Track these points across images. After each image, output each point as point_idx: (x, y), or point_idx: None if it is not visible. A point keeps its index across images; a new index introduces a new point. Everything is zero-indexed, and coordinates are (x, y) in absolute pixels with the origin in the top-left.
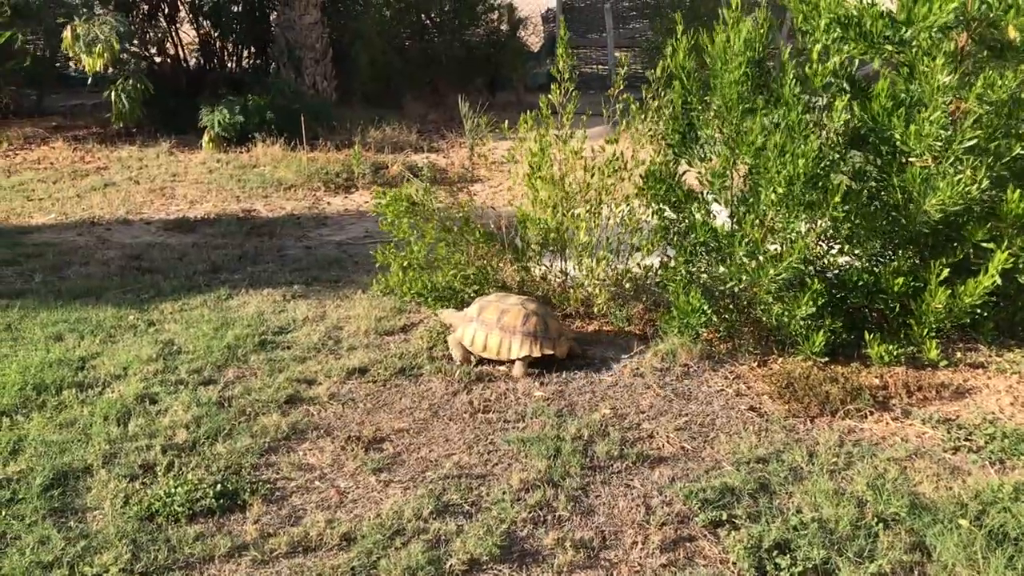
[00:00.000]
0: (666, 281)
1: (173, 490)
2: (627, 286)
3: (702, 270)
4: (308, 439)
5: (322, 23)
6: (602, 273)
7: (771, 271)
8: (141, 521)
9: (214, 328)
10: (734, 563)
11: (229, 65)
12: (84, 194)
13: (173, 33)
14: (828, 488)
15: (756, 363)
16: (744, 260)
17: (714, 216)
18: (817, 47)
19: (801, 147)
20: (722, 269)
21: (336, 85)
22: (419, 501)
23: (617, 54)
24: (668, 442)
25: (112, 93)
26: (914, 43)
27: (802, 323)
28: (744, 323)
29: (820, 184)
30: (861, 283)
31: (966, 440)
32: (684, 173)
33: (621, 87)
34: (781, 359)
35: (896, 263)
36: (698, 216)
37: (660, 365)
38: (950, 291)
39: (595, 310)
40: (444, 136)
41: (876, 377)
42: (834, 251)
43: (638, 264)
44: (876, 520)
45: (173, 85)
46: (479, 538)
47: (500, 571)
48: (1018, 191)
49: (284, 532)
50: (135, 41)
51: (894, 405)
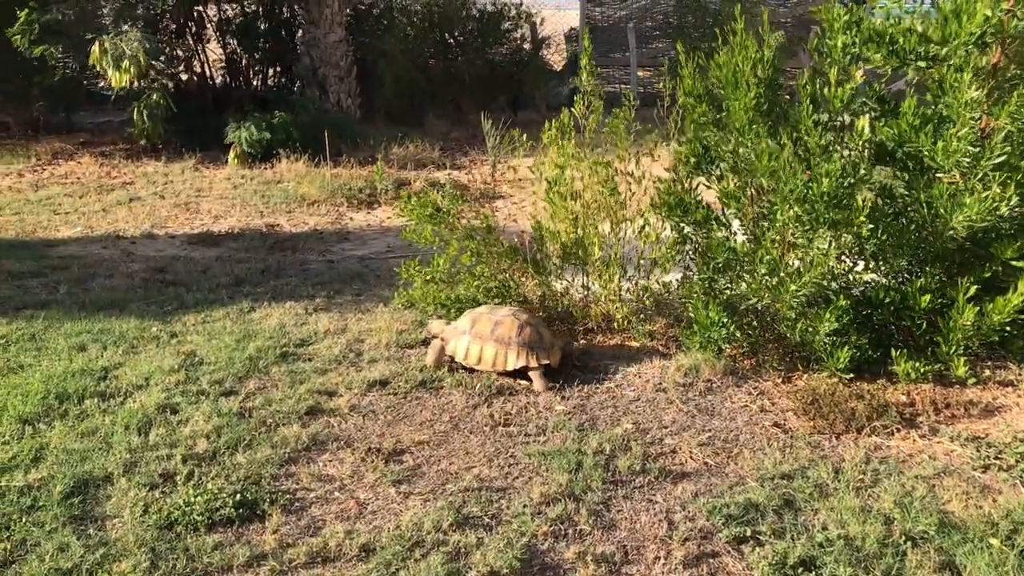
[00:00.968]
0: (685, 298)
1: (192, 499)
2: (648, 302)
3: (723, 286)
4: (328, 450)
5: (347, 41)
6: (615, 287)
7: (792, 287)
8: (160, 530)
9: (236, 340)
10: None
11: (255, 83)
12: (110, 208)
13: (200, 51)
14: (854, 505)
15: (780, 379)
16: (765, 277)
17: (735, 233)
18: (834, 70)
19: (824, 166)
20: (743, 286)
21: (360, 103)
22: (439, 513)
23: (640, 73)
24: (691, 457)
25: (135, 110)
26: (948, 59)
27: (826, 339)
28: (768, 339)
29: (844, 202)
30: (887, 300)
31: (996, 458)
32: (698, 186)
33: (635, 104)
34: (806, 375)
35: (923, 280)
36: (717, 235)
37: (683, 380)
38: (978, 309)
39: (615, 325)
40: (466, 153)
41: (903, 394)
42: (859, 268)
43: (657, 280)
44: (904, 538)
45: (199, 102)
46: (499, 551)
47: None
48: None
49: (303, 542)
50: (162, 58)
51: (921, 423)
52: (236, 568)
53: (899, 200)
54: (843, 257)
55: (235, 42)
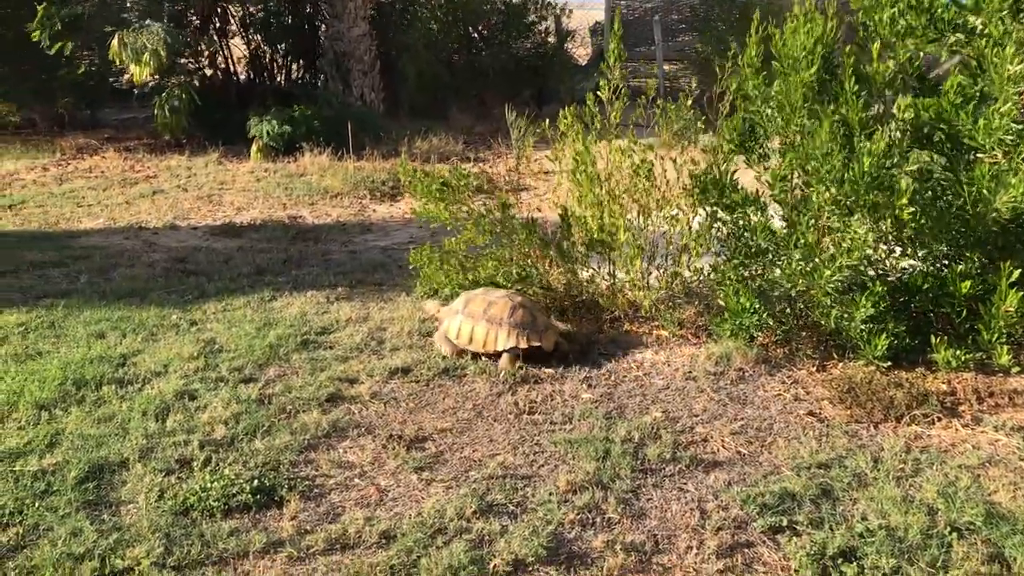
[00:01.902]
0: (717, 284)
1: (209, 485)
2: (677, 288)
3: (756, 273)
4: (349, 437)
5: (370, 35)
6: (642, 272)
7: (827, 273)
8: (175, 515)
9: (256, 328)
10: (796, 570)
11: (278, 78)
12: (133, 201)
13: (224, 47)
14: (895, 495)
15: (815, 368)
16: (800, 263)
17: (771, 217)
18: (876, 44)
19: (866, 144)
20: (777, 272)
21: (383, 97)
22: (462, 500)
23: (666, 67)
24: (723, 446)
25: (157, 104)
26: (985, 31)
27: (862, 327)
28: (801, 327)
29: (885, 184)
30: (926, 286)
31: None
32: (736, 172)
33: (655, 95)
34: (841, 364)
35: (963, 265)
36: (755, 219)
37: (714, 369)
38: (1022, 295)
39: (643, 313)
40: (490, 147)
41: (943, 383)
42: (896, 253)
43: (688, 267)
44: (949, 529)
45: (223, 97)
46: (524, 539)
47: (546, 573)
48: None
49: (321, 529)
50: (186, 52)
51: (963, 411)
52: (252, 554)
53: (937, 182)
54: (881, 243)
55: (259, 37)
